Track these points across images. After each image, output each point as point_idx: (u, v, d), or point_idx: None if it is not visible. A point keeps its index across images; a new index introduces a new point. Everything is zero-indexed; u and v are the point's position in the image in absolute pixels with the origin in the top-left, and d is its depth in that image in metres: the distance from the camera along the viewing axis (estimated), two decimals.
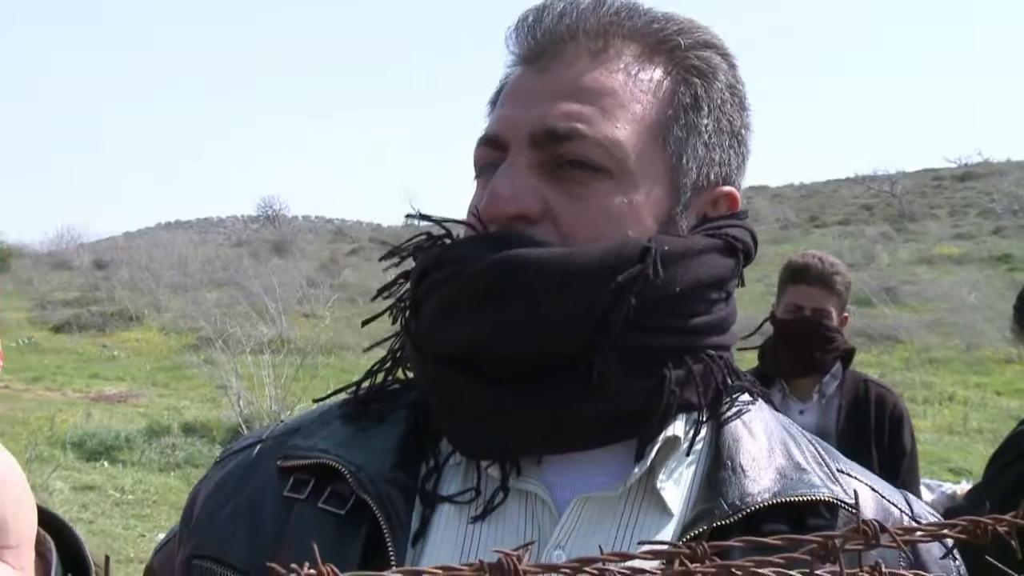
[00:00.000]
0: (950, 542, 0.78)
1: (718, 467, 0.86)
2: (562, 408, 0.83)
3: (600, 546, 0.78)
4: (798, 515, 0.84)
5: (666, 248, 0.84)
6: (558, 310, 0.81)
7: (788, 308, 3.01)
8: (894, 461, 2.95)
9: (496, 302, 0.82)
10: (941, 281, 19.19)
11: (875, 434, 2.98)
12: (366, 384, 0.96)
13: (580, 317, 0.81)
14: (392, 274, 0.96)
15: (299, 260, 23.12)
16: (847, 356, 3.08)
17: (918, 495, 3.12)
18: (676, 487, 0.86)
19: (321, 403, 1.00)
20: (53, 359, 14.85)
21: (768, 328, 3.11)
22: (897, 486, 2.96)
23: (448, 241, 0.90)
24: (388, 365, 0.96)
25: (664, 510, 0.84)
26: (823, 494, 0.85)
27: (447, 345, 0.85)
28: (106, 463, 8.91)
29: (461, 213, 0.92)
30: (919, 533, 0.67)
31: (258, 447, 0.98)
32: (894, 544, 0.63)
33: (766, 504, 0.83)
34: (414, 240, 0.93)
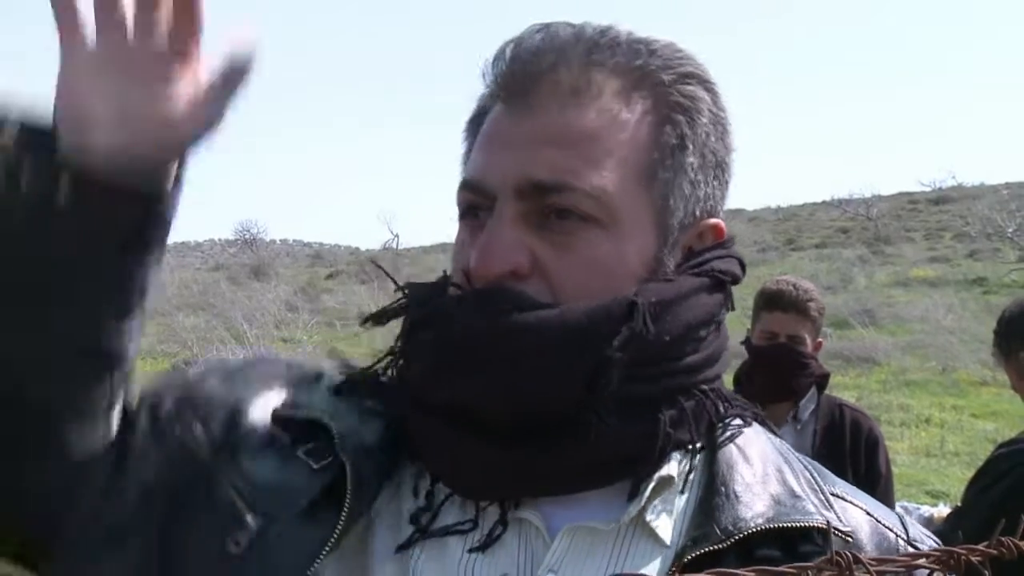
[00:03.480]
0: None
1: (712, 493, 0.87)
2: (556, 458, 0.84)
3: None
4: (791, 541, 0.84)
5: (653, 299, 0.84)
6: (548, 373, 0.81)
7: (762, 335, 3.04)
8: (870, 485, 2.96)
9: (485, 366, 0.82)
10: (917, 304, 19.31)
11: (851, 458, 2.99)
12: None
13: (570, 378, 0.81)
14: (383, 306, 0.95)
15: (277, 284, 23.04)
16: (822, 381, 3.10)
17: None
18: (668, 518, 0.86)
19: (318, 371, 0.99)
20: None
21: (742, 352, 3.13)
22: None
23: (436, 298, 0.89)
24: (386, 363, 0.95)
25: (656, 540, 0.85)
26: (816, 521, 0.85)
27: (438, 400, 0.85)
28: None
29: (441, 236, 0.92)
30: (894, 563, 0.67)
31: (285, 373, 0.96)
32: (868, 574, 0.63)
33: (759, 529, 0.83)
34: (398, 302, 0.92)
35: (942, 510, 3.57)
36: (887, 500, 3.03)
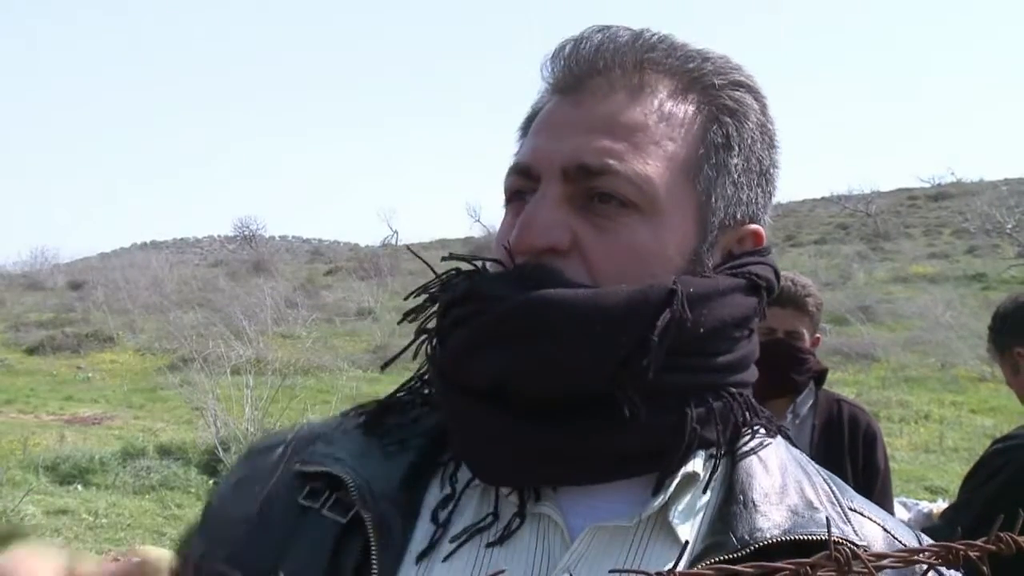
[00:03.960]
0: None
1: (730, 501, 0.86)
2: (586, 442, 0.84)
3: (609, 573, 0.80)
4: (807, 554, 0.84)
5: (691, 290, 0.85)
6: (584, 351, 0.82)
7: (760, 330, 3.02)
8: (868, 480, 2.96)
9: (522, 341, 0.82)
10: (916, 300, 19.33)
11: (849, 453, 2.99)
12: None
13: (605, 358, 0.82)
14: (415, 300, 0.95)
15: (276, 280, 23.05)
16: (820, 376, 3.10)
17: (892, 514, 3.13)
18: (689, 520, 0.86)
19: (346, 413, 1.01)
20: (27, 381, 14.71)
21: None
22: None
23: (475, 275, 0.90)
24: (413, 385, 0.97)
25: (675, 541, 0.84)
26: (834, 534, 0.85)
27: (472, 378, 0.86)
28: (80, 486, 8.81)
29: (440, 232, 0.93)
30: (890, 560, 0.67)
31: (280, 449, 0.99)
32: (867, 571, 0.64)
33: (775, 540, 0.83)
34: (445, 274, 0.93)
35: (941, 506, 3.57)
36: (885, 496, 3.03)
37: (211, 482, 8.96)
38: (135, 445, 9.90)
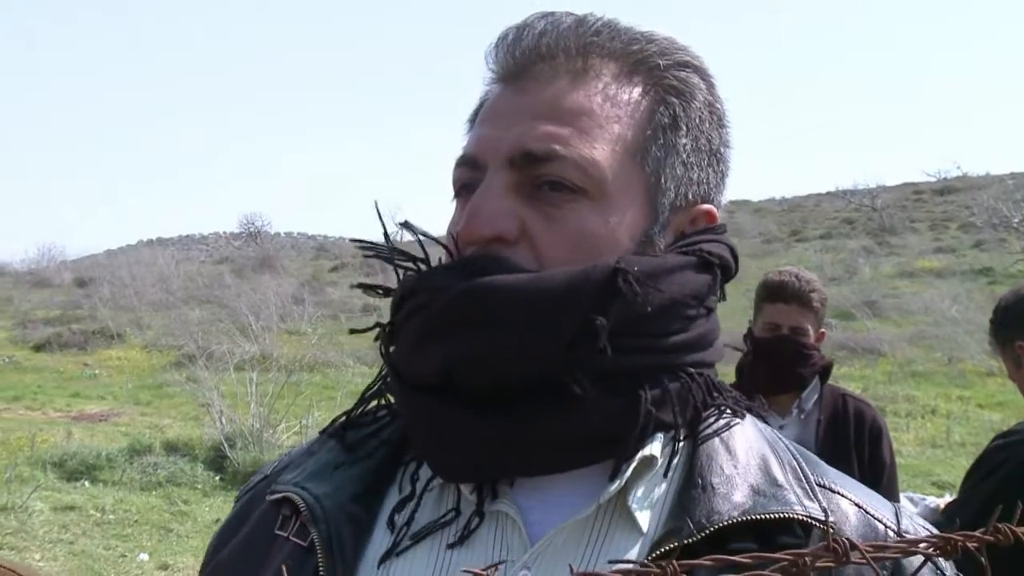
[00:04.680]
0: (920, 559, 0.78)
1: (689, 485, 0.85)
2: (538, 430, 0.83)
3: (571, 565, 0.79)
4: (769, 533, 0.83)
5: (636, 268, 0.83)
6: (528, 337, 0.81)
7: (765, 326, 3.03)
8: (874, 475, 2.96)
9: (467, 331, 0.82)
10: (923, 295, 19.27)
11: (855, 448, 2.99)
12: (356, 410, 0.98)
13: (550, 342, 0.81)
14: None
15: (282, 277, 23.07)
16: (825, 371, 3.10)
17: None
18: (648, 506, 0.85)
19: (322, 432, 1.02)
20: (34, 378, 14.74)
21: (739, 343, 3.14)
22: None
23: (424, 267, 0.90)
24: (375, 390, 0.97)
25: (634, 528, 0.84)
26: (796, 512, 0.84)
27: (422, 372, 0.85)
28: (87, 483, 8.83)
29: (443, 229, 0.93)
30: (890, 550, 0.68)
31: (260, 483, 1.01)
32: (864, 561, 0.64)
33: (733, 522, 0.82)
34: (396, 256, 0.92)
35: (948, 500, 3.57)
36: (891, 489, 3.03)
37: (217, 478, 8.98)
38: (142, 442, 9.92)
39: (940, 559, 0.87)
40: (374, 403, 0.97)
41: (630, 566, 0.56)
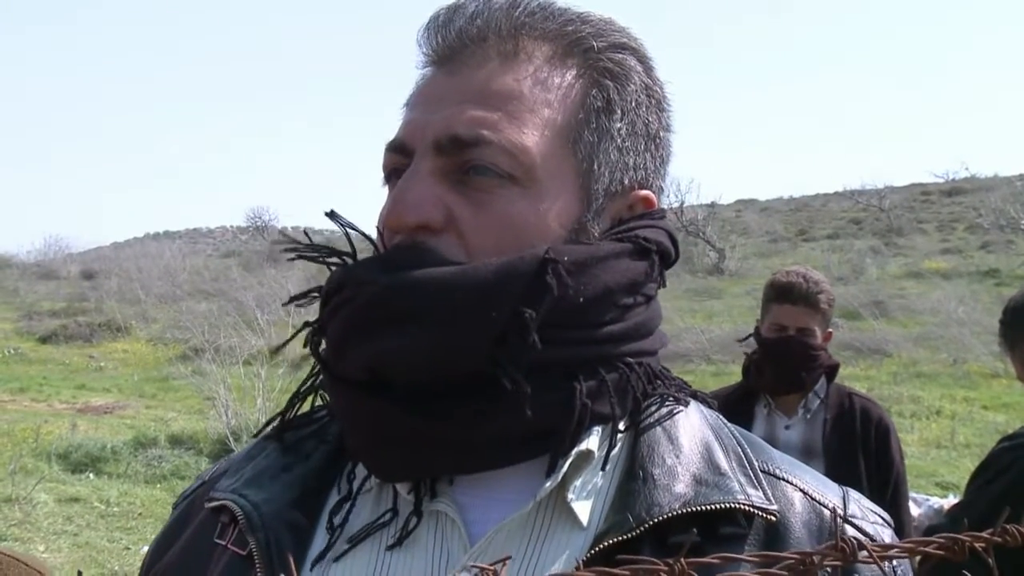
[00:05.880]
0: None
1: (630, 477, 0.83)
2: (471, 426, 0.80)
3: (508, 556, 0.77)
4: (712, 523, 0.81)
5: (566, 258, 0.80)
6: (454, 331, 0.78)
7: (772, 327, 3.03)
8: (883, 473, 2.95)
9: (392, 326, 0.79)
10: (929, 295, 19.23)
11: (862, 447, 2.98)
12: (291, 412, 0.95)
13: (477, 336, 0.78)
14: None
15: (289, 270, 23.07)
16: (831, 371, 3.09)
17: (907, 507, 3.12)
18: (588, 500, 0.83)
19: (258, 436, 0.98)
20: (39, 370, 14.80)
21: (753, 342, 3.13)
22: (887, 499, 2.93)
23: (351, 260, 0.87)
24: (307, 388, 0.94)
25: (575, 523, 0.82)
26: (739, 501, 0.82)
27: (351, 369, 0.82)
28: (92, 475, 8.86)
29: None
30: (897, 550, 0.67)
31: (200, 489, 0.98)
32: (871, 560, 0.63)
33: (674, 514, 0.79)
34: (322, 253, 0.90)
35: (952, 502, 3.57)
36: (900, 488, 3.02)
37: None
38: (147, 434, 9.95)
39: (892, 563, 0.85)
40: (311, 403, 0.95)
41: (567, 573, 0.55)
